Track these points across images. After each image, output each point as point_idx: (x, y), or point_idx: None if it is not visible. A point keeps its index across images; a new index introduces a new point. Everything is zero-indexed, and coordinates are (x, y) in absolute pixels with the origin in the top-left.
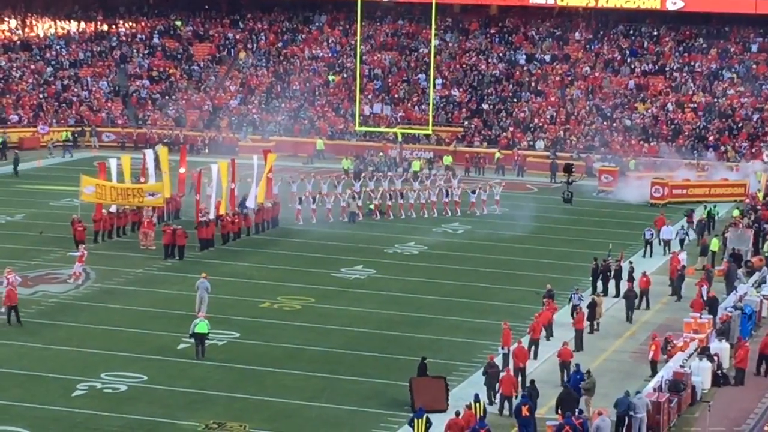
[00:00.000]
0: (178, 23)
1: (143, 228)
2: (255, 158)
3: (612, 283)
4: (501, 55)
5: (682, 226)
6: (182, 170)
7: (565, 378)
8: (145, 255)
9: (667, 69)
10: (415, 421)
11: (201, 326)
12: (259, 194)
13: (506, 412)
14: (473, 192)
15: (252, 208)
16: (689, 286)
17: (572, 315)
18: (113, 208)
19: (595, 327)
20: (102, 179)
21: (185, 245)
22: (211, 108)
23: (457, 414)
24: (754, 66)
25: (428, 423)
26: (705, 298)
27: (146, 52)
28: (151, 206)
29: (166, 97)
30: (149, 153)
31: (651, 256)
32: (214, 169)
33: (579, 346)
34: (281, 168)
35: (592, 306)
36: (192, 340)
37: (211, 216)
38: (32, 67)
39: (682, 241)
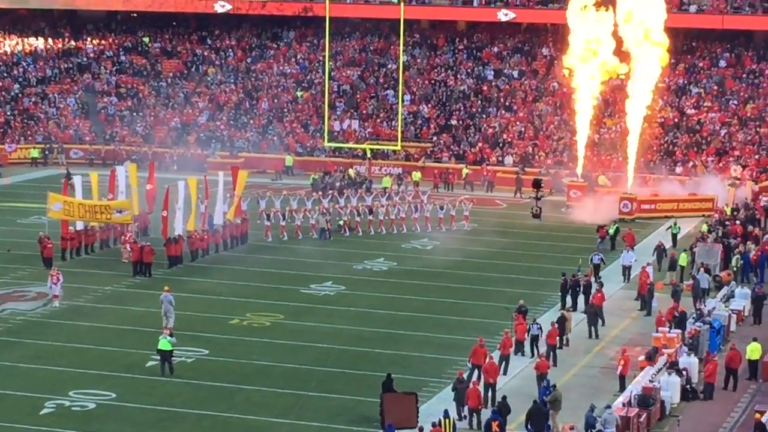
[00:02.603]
0: (146, 40)
1: (125, 240)
2: (221, 174)
3: (581, 299)
4: (469, 70)
5: (603, 247)
6: (149, 187)
7: None
8: (113, 272)
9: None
10: None
11: (164, 343)
12: (229, 211)
13: (476, 425)
14: (442, 208)
15: (219, 225)
16: (660, 301)
17: (532, 347)
18: (80, 225)
19: (565, 342)
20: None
21: (152, 262)
22: (179, 124)
23: (421, 430)
24: (722, 81)
25: None
26: None
27: (114, 68)
28: (118, 223)
29: (134, 114)
30: (120, 169)
31: (598, 281)
32: (182, 186)
33: (552, 361)
34: (250, 184)
35: (561, 321)
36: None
37: (179, 232)
38: None
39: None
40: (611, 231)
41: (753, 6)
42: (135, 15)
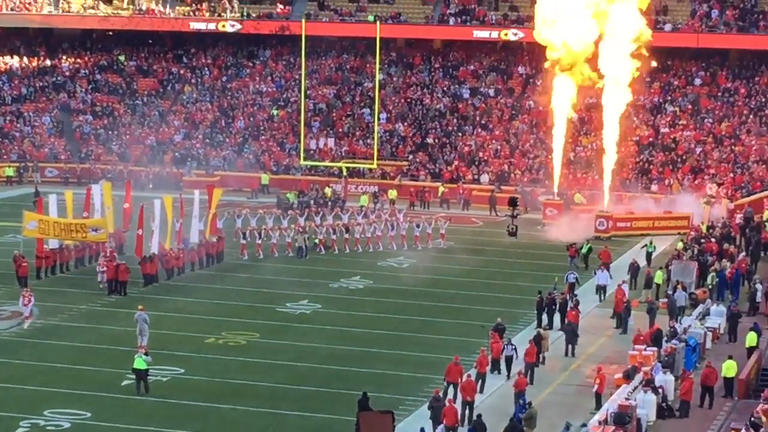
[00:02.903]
0: (122, 58)
1: (104, 257)
2: (196, 193)
3: (557, 317)
4: (445, 89)
5: (574, 265)
6: (126, 205)
7: None
8: (88, 291)
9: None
10: None
11: (139, 362)
12: (205, 229)
13: None
14: (418, 226)
15: (195, 243)
16: (636, 318)
17: (507, 366)
18: (55, 244)
19: (541, 360)
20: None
21: (128, 281)
22: (155, 143)
23: None
24: (697, 100)
25: None
26: None
27: (89, 87)
28: (94, 242)
29: (110, 132)
30: (95, 188)
31: (573, 299)
32: (158, 204)
33: (529, 379)
34: (226, 203)
35: (538, 339)
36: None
37: (155, 251)
38: None
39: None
40: (584, 250)
41: (728, 25)
42: (111, 33)
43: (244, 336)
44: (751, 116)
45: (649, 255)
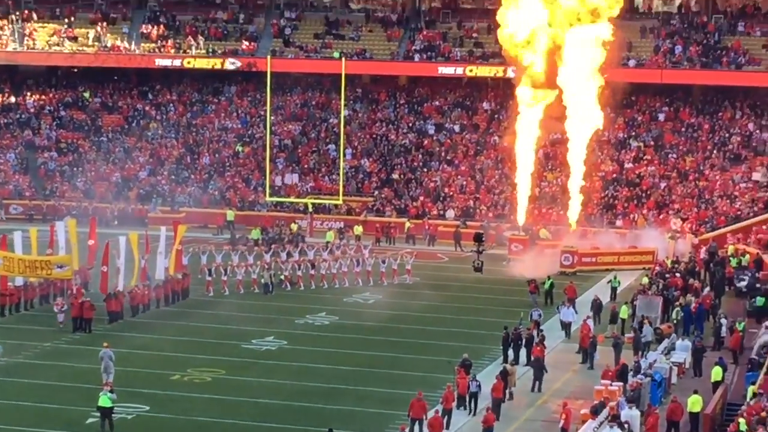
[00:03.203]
0: (87, 95)
1: (71, 294)
2: (163, 229)
3: (523, 352)
4: (410, 124)
5: (534, 300)
6: (91, 242)
7: None
8: (53, 328)
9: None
10: None
11: (104, 400)
12: (170, 266)
13: None
14: (384, 262)
15: (160, 280)
16: (601, 353)
17: (471, 404)
18: (19, 281)
19: (508, 396)
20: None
21: (93, 318)
22: (120, 179)
23: None
24: (661, 135)
25: None
26: None
27: (54, 123)
28: (59, 279)
29: (75, 169)
30: (59, 225)
31: (539, 335)
32: (122, 241)
33: (496, 414)
34: (192, 239)
35: (505, 375)
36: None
37: (120, 288)
38: None
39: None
40: (546, 285)
41: (691, 61)
42: (76, 70)
43: (210, 373)
44: (714, 151)
45: (614, 290)
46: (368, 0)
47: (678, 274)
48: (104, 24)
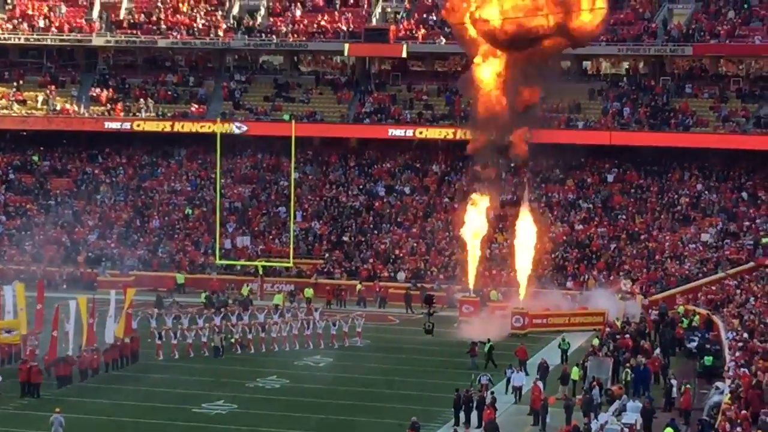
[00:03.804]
0: (36, 158)
1: (25, 356)
2: (112, 293)
3: (474, 414)
4: (361, 186)
5: (474, 364)
6: (38, 306)
7: None
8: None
9: (524, 200)
10: None
11: None
12: (118, 330)
13: None
14: (335, 324)
15: (109, 344)
16: (553, 415)
17: None
18: None
19: None
20: None
21: (41, 383)
22: (69, 243)
23: None
24: (610, 196)
25: None
26: None
27: (2, 187)
28: (7, 344)
29: (23, 233)
30: (7, 289)
31: (491, 397)
32: (72, 305)
33: None
34: (141, 303)
35: None
36: None
37: (70, 352)
38: None
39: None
40: (485, 348)
41: (639, 122)
42: (24, 133)
43: None
44: (663, 212)
45: (564, 352)
46: (318, 63)
47: (628, 335)
48: (53, 87)
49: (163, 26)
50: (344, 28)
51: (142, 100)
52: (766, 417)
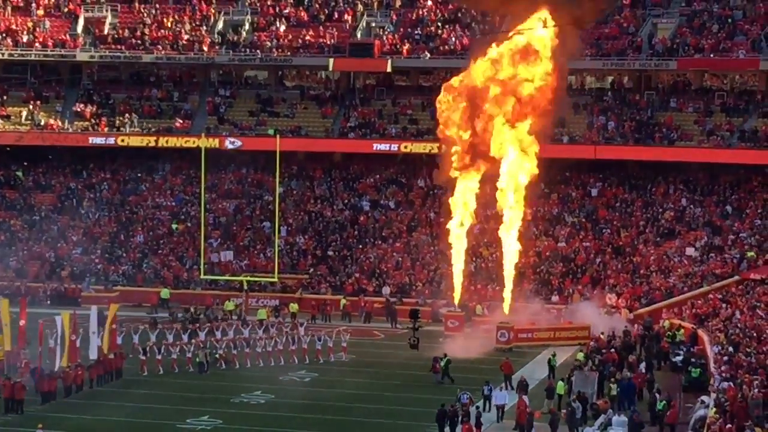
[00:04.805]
0: (20, 173)
1: (20, 368)
2: (94, 309)
3: (459, 429)
4: (345, 201)
5: (437, 381)
6: (22, 322)
7: None
8: None
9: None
10: None
11: None
12: (103, 345)
13: None
14: (320, 339)
15: (93, 359)
16: (538, 430)
17: None
18: None
19: None
20: None
21: (24, 399)
22: (53, 258)
23: None
24: (595, 211)
25: None
26: None
27: None
28: None
29: (7, 248)
30: None
31: (489, 410)
32: (58, 321)
33: None
34: (126, 318)
35: None
36: None
37: (55, 368)
38: None
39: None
40: (443, 363)
41: (624, 136)
42: (8, 149)
43: None
44: (648, 226)
45: (552, 367)
46: (302, 78)
47: (614, 350)
48: (37, 102)
49: (148, 41)
50: (329, 42)
51: (126, 115)
52: (750, 431)
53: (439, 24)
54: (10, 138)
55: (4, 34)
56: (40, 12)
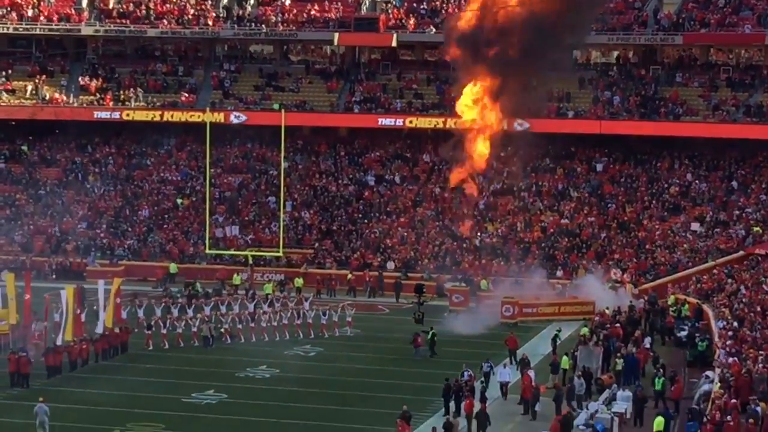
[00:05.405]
0: (25, 148)
1: (33, 340)
2: (101, 283)
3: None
4: (350, 176)
5: (420, 355)
6: (27, 297)
7: None
8: None
9: (515, 188)
10: None
11: None
12: (107, 319)
13: None
14: (325, 314)
15: (99, 334)
16: (544, 404)
17: None
18: None
19: None
20: None
21: (30, 373)
22: (58, 233)
23: None
24: (600, 185)
25: None
26: None
27: None
28: None
29: (12, 223)
30: None
31: (488, 388)
32: (63, 295)
33: None
34: (131, 292)
35: (448, 427)
36: None
37: (59, 342)
38: None
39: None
40: (429, 336)
41: (629, 111)
42: (13, 123)
43: (150, 427)
44: (653, 201)
45: (554, 342)
46: (307, 52)
47: (618, 324)
48: (42, 77)
49: (153, 15)
50: (334, 17)
51: (131, 89)
52: (755, 405)
53: None
54: (16, 112)
55: (8, 8)
56: None
